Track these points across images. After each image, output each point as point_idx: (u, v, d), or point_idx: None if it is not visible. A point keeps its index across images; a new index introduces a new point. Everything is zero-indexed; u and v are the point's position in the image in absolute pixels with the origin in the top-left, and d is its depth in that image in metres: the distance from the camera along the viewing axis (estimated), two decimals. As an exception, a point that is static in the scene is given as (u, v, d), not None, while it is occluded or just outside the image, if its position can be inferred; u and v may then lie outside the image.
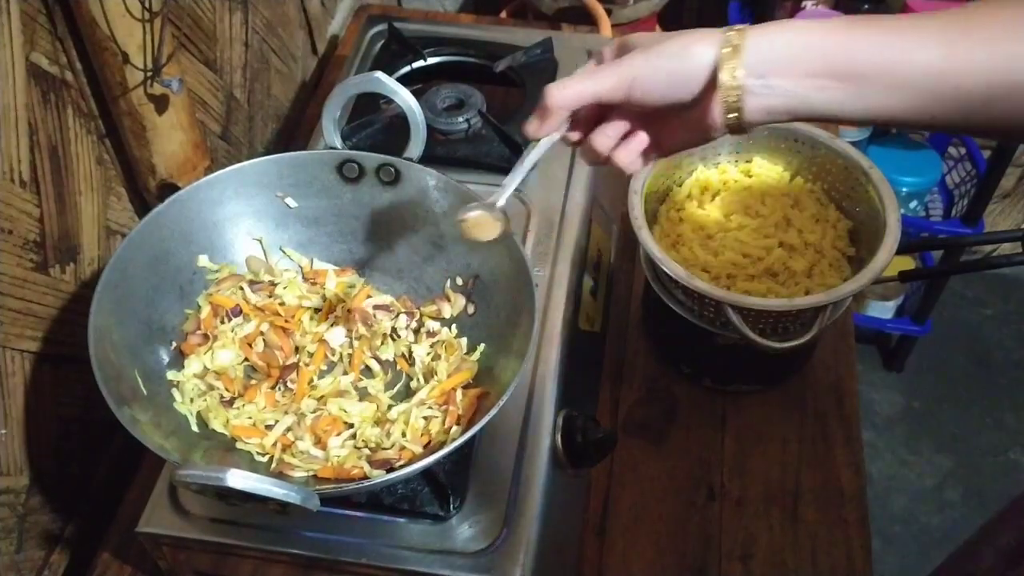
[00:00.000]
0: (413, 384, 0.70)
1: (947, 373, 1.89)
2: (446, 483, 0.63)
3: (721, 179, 0.85)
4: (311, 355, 0.71)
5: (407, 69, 0.94)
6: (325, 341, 0.72)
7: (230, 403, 0.67)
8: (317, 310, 0.74)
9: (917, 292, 1.73)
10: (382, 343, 0.72)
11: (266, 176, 0.73)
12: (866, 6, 1.50)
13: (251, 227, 0.74)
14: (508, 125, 0.86)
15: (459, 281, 0.73)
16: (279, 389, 0.69)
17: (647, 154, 0.59)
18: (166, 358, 0.68)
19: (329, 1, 1.26)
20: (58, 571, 0.79)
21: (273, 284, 0.74)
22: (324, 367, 0.71)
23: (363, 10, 1.26)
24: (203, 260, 0.72)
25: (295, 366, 0.70)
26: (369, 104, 0.86)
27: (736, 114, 0.52)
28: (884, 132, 1.70)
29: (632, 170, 0.60)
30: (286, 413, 0.67)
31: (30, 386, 0.73)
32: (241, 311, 0.72)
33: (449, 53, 0.96)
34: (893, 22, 0.50)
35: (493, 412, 0.58)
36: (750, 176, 0.86)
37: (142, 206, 0.85)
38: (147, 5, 0.71)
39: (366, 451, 0.64)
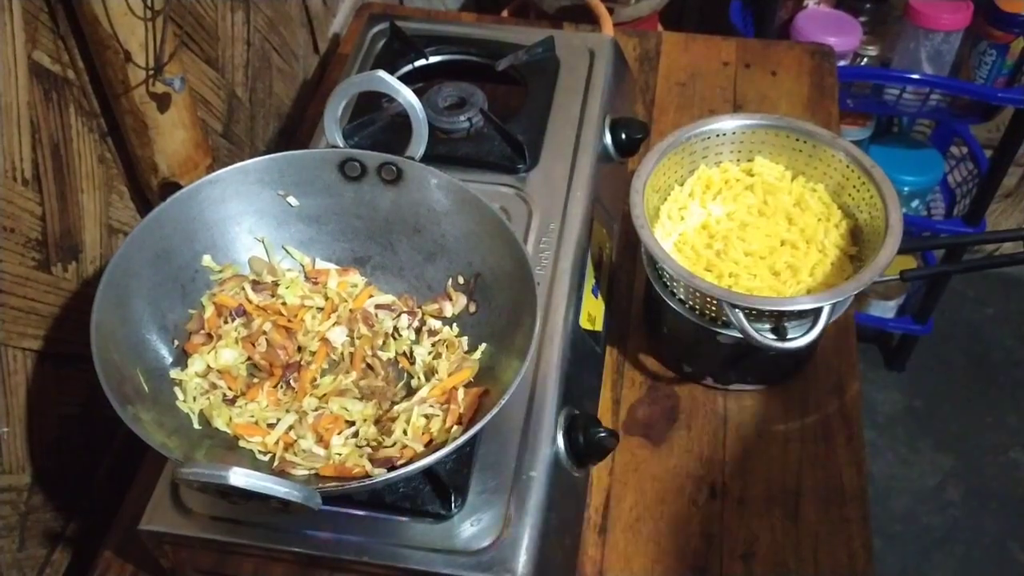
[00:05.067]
0: (414, 383, 0.70)
1: (948, 372, 1.89)
2: (447, 482, 0.63)
3: (723, 178, 0.85)
4: (313, 354, 0.71)
5: (409, 68, 0.94)
6: (327, 340, 0.72)
7: (233, 401, 0.67)
8: (320, 309, 0.74)
9: (919, 291, 1.73)
10: (384, 342, 0.72)
11: (268, 175, 0.73)
12: (868, 5, 1.50)
13: (253, 226, 0.74)
14: (510, 124, 0.86)
15: (461, 280, 0.73)
16: (281, 388, 0.69)
17: None
18: (169, 357, 0.68)
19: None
20: (60, 569, 0.79)
21: (276, 284, 0.74)
22: (326, 366, 0.71)
23: (365, 8, 1.26)
24: (207, 260, 0.72)
25: (297, 365, 0.70)
26: (371, 103, 0.86)
27: None
28: (886, 131, 1.70)
29: None
30: (288, 411, 0.67)
31: (32, 384, 0.73)
32: (244, 311, 0.72)
33: (451, 52, 0.96)
34: None
35: (494, 411, 0.58)
36: (752, 175, 0.86)
37: (144, 204, 0.85)
38: (149, 4, 0.71)
39: (368, 449, 0.64)
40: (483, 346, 0.70)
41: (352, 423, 0.67)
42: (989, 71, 1.41)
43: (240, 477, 0.50)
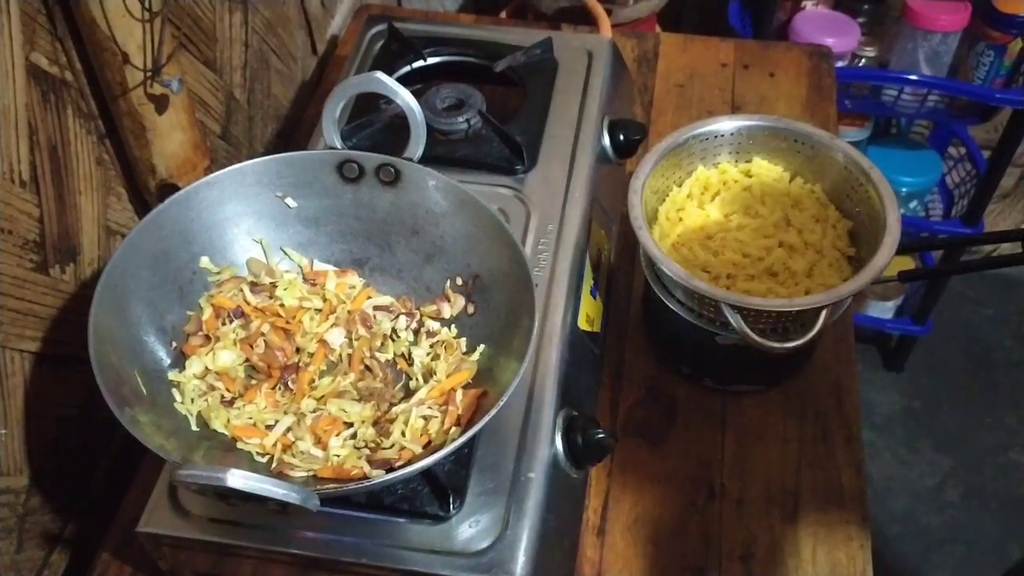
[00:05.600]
0: (412, 384, 0.70)
1: (947, 373, 1.89)
2: (446, 483, 0.63)
3: (721, 179, 0.85)
4: (311, 355, 0.71)
5: (407, 69, 0.94)
6: (325, 342, 0.72)
7: (231, 403, 0.67)
8: (318, 311, 0.74)
9: (917, 292, 1.73)
10: (382, 344, 0.72)
11: (266, 176, 0.73)
12: (866, 6, 1.50)
13: (251, 227, 0.74)
14: (508, 125, 0.86)
15: (459, 281, 0.73)
16: (279, 389, 0.69)
17: None
18: (167, 358, 0.68)
19: (329, 1, 1.26)
20: (58, 571, 0.79)
21: (274, 286, 0.74)
22: (324, 367, 0.71)
23: (363, 10, 1.26)
24: (205, 262, 0.72)
25: (295, 366, 0.70)
26: (369, 104, 0.86)
27: None
28: (884, 132, 1.71)
29: None
30: (286, 413, 0.67)
31: (30, 386, 0.73)
32: (242, 312, 0.72)
33: (449, 53, 0.96)
34: None
35: (492, 412, 0.58)
36: (750, 176, 0.86)
37: (142, 206, 0.85)
38: (147, 5, 0.71)
39: (366, 451, 0.64)
40: (481, 347, 0.70)
41: (350, 425, 0.67)
42: (987, 72, 1.42)
43: (238, 479, 0.50)
